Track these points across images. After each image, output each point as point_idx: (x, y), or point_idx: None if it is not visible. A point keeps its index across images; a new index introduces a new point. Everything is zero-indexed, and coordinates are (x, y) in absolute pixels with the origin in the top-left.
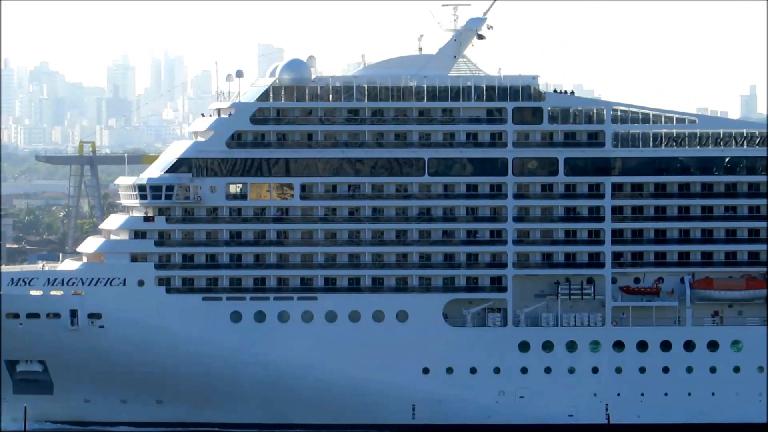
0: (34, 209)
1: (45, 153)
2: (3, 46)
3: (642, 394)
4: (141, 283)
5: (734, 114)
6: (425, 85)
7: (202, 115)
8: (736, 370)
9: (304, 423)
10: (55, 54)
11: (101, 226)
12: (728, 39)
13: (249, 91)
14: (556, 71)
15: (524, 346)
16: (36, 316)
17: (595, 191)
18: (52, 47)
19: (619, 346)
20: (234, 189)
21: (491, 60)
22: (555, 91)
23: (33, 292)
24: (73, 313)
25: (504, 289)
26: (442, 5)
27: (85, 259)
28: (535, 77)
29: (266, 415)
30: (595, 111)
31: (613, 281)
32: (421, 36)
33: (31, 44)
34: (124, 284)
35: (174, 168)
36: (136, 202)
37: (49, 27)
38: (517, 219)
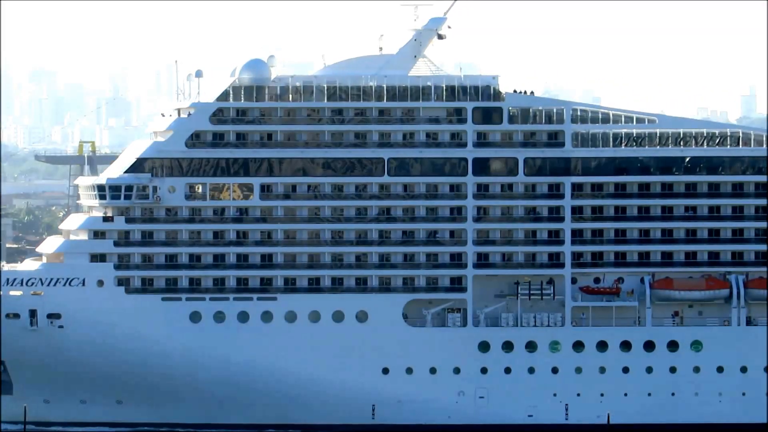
0: (34, 209)
1: (45, 153)
2: (3, 46)
3: (602, 395)
4: (100, 283)
5: (734, 114)
6: (385, 85)
7: (162, 114)
8: (696, 370)
9: (263, 423)
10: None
11: (61, 227)
12: (728, 39)
13: (209, 90)
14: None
15: (484, 347)
16: None
17: (554, 191)
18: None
19: (578, 346)
20: (193, 189)
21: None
22: (515, 91)
23: None
24: (33, 313)
25: (464, 290)
26: (402, 5)
27: (44, 260)
28: (495, 77)
29: (226, 415)
30: (554, 111)
31: (573, 281)
32: (382, 36)
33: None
34: (84, 284)
35: (133, 168)
36: (96, 202)
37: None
38: (476, 219)
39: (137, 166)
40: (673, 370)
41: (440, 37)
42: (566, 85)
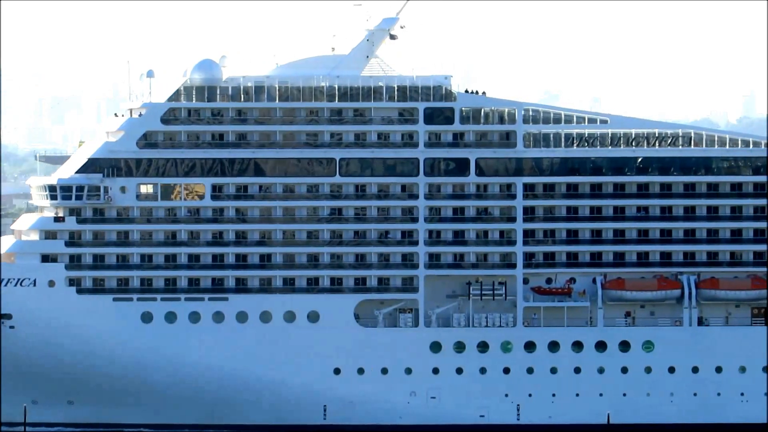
0: (34, 209)
1: (45, 153)
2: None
3: (553, 395)
4: (51, 283)
5: (735, 114)
6: (337, 86)
7: (115, 114)
8: (648, 370)
9: (215, 423)
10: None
11: (13, 227)
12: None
13: (161, 91)
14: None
15: (436, 347)
16: None
17: (506, 191)
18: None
19: (530, 346)
20: (145, 189)
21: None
22: (466, 91)
23: None
24: None
25: (415, 290)
26: (355, 5)
27: None
28: (447, 77)
29: (177, 416)
30: (506, 111)
31: (525, 282)
32: (334, 36)
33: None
34: (35, 285)
35: (84, 168)
36: (47, 202)
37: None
38: (428, 219)
39: (88, 167)
40: (624, 370)
41: (392, 37)
42: (566, 86)
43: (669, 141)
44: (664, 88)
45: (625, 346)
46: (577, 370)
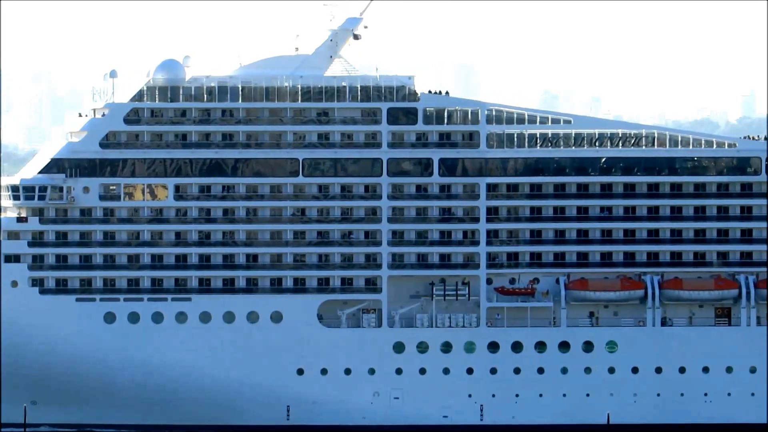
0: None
1: None
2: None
3: (517, 395)
4: (14, 283)
5: (735, 114)
6: (300, 86)
7: (80, 114)
8: (611, 370)
9: (178, 424)
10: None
11: None
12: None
13: (124, 91)
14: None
15: (399, 347)
16: None
17: (470, 192)
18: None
19: (493, 347)
20: (108, 189)
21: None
22: (429, 91)
23: None
24: None
25: (379, 290)
26: (324, 4)
27: None
28: (410, 77)
29: (140, 416)
30: (470, 111)
31: (488, 282)
32: (298, 36)
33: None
34: None
35: (47, 168)
36: (10, 202)
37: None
38: (391, 220)
39: (51, 167)
40: (588, 370)
41: (356, 37)
42: (567, 86)
43: (633, 141)
44: (664, 88)
45: (588, 346)
46: (541, 371)
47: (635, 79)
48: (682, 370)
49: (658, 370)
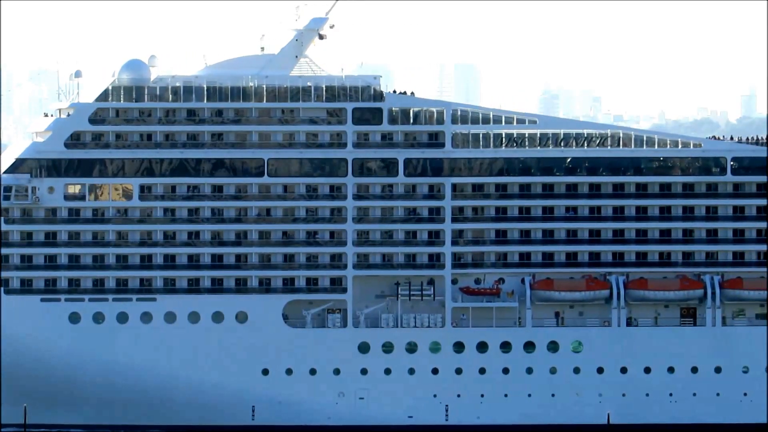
0: None
1: None
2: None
3: (482, 395)
4: None
5: (735, 114)
6: (265, 86)
7: (45, 114)
8: (576, 371)
9: (143, 424)
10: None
11: None
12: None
13: (89, 91)
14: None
15: (364, 348)
16: None
17: (435, 192)
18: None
19: (459, 347)
20: (72, 190)
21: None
22: (394, 91)
23: None
24: None
25: (344, 290)
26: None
27: None
28: (376, 77)
29: (106, 417)
30: (435, 111)
31: (454, 282)
32: (263, 35)
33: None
34: None
35: (12, 168)
36: None
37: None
38: (356, 220)
39: (16, 167)
40: (553, 370)
41: (321, 37)
42: (567, 86)
43: (597, 141)
44: (664, 88)
45: (553, 346)
46: (506, 371)
47: (635, 78)
48: (647, 370)
49: (624, 370)
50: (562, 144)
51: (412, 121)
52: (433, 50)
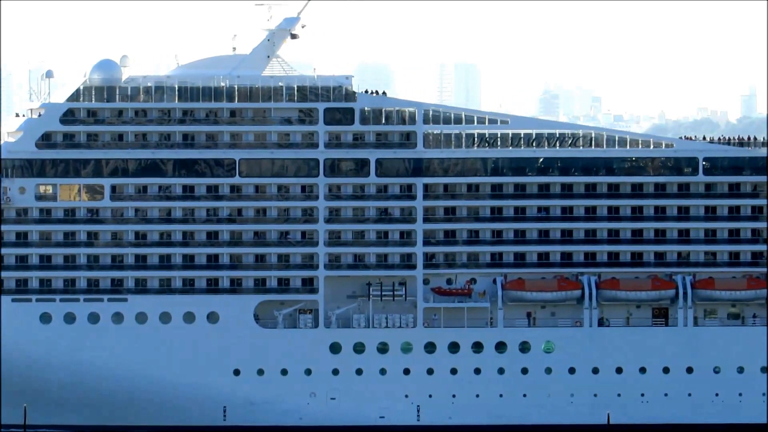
0: None
1: None
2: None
3: (454, 396)
4: None
5: (734, 114)
6: (237, 86)
7: (17, 114)
8: (548, 371)
9: (114, 425)
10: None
11: None
12: (728, 39)
13: (60, 91)
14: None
15: (336, 348)
16: None
17: (407, 192)
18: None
19: (430, 347)
20: (43, 190)
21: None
22: (366, 91)
23: None
24: None
25: (315, 291)
26: (256, 5)
27: None
28: (348, 77)
29: (77, 417)
30: (407, 111)
31: (426, 282)
32: (235, 36)
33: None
34: None
35: None
36: None
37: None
38: (328, 220)
39: None
40: (524, 371)
41: (293, 36)
42: (567, 86)
43: (570, 141)
44: (664, 88)
45: (525, 346)
46: (477, 371)
47: (635, 78)
48: (619, 370)
49: (595, 371)
50: (534, 144)
51: (384, 121)
52: (434, 50)
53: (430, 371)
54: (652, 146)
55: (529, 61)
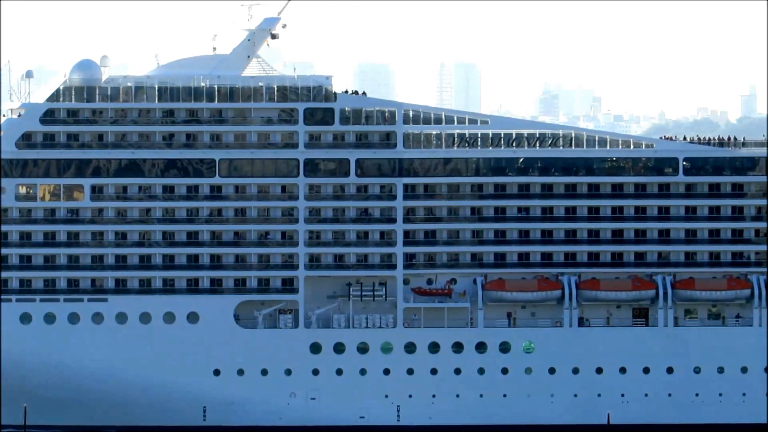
0: None
1: None
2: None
3: (433, 396)
4: None
5: (734, 114)
6: (217, 86)
7: None
8: (528, 371)
9: (95, 425)
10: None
11: None
12: (728, 39)
13: (41, 91)
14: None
15: (316, 348)
16: None
17: (387, 192)
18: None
19: (410, 347)
20: (24, 190)
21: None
22: (346, 91)
23: None
24: None
25: (295, 291)
26: (241, 5)
27: None
28: (328, 78)
29: (56, 417)
30: (386, 112)
31: (405, 282)
32: (215, 35)
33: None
34: None
35: None
36: None
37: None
38: (308, 220)
39: None
40: (505, 371)
41: (274, 36)
42: (567, 86)
43: (549, 142)
44: (664, 87)
45: (505, 346)
46: (458, 371)
47: (635, 78)
48: (599, 370)
49: (575, 371)
50: (514, 144)
51: (364, 121)
52: (434, 50)
53: (410, 371)
54: (632, 146)
55: (529, 61)
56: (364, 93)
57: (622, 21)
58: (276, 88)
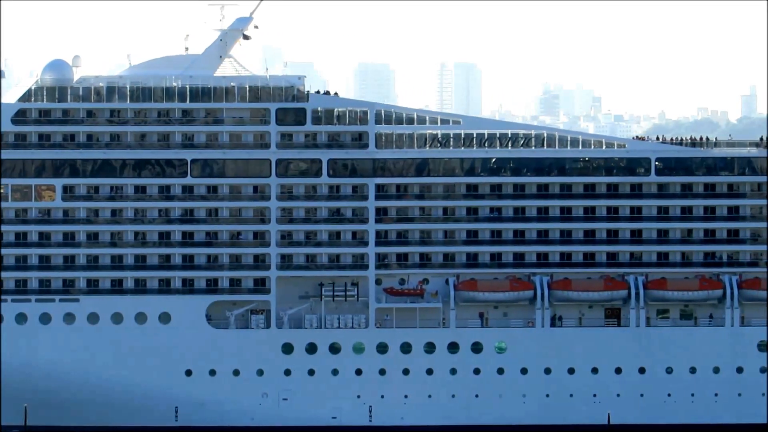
0: None
1: None
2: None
3: (406, 396)
4: None
5: (735, 114)
6: (188, 86)
7: None
8: (500, 371)
9: (66, 425)
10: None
11: None
12: (728, 39)
13: (11, 91)
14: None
15: (287, 348)
16: None
17: (359, 192)
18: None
19: (382, 347)
20: None
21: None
22: (318, 92)
23: None
24: None
25: (267, 291)
26: (209, 5)
27: None
28: (301, 77)
29: (29, 418)
30: (359, 112)
31: (378, 283)
32: (188, 36)
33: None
34: None
35: None
36: None
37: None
38: (280, 220)
39: None
40: (477, 371)
41: (246, 37)
42: (567, 85)
43: (522, 142)
44: (664, 88)
45: (477, 347)
46: (430, 372)
47: (635, 78)
48: (571, 371)
49: (548, 371)
50: (486, 144)
51: (335, 121)
52: (434, 50)
53: (382, 372)
54: (604, 147)
55: (529, 61)
56: (336, 93)
57: (622, 21)
58: (248, 88)
